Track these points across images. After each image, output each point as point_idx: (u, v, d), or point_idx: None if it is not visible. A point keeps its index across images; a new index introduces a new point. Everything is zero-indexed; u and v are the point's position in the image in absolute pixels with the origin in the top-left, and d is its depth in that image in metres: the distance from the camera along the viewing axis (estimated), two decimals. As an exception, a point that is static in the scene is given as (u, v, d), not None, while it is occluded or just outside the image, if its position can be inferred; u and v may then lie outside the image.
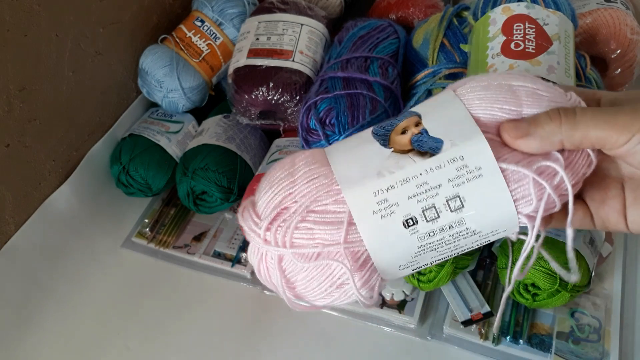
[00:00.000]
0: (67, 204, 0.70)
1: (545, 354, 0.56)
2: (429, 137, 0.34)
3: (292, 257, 0.34)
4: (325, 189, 0.35)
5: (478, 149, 0.33)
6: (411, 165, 0.34)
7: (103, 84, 0.73)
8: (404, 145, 0.35)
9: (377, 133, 0.36)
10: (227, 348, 0.60)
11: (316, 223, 0.34)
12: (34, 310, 0.65)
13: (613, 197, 0.36)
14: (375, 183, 0.34)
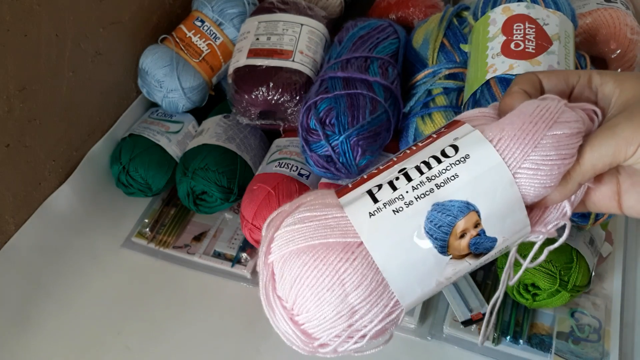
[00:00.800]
0: (67, 204, 0.70)
1: (545, 354, 0.56)
2: (485, 238, 0.33)
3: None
4: (385, 309, 0.34)
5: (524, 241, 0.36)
6: (467, 269, 0.34)
7: (103, 84, 0.73)
8: (462, 250, 0.33)
9: (433, 235, 0.33)
10: (227, 348, 0.61)
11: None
12: (34, 310, 0.65)
13: (607, 183, 0.36)
14: (433, 290, 0.35)
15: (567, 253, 0.55)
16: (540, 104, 0.33)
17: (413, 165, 0.34)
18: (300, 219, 0.34)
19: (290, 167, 0.65)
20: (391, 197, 0.33)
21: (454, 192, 0.32)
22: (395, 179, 0.34)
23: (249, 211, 0.62)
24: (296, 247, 0.33)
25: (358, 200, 0.34)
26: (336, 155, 0.57)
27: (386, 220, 0.32)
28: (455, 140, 0.34)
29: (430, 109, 0.59)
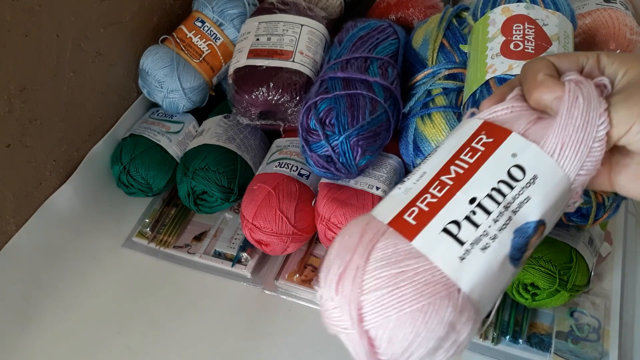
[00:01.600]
0: (68, 203, 0.71)
1: (545, 353, 0.56)
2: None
3: None
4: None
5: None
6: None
7: (104, 84, 0.73)
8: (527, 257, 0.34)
9: (515, 257, 0.33)
10: (227, 347, 0.61)
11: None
12: (34, 309, 0.65)
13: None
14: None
15: (566, 253, 0.55)
16: (581, 102, 0.33)
17: (484, 193, 0.32)
18: (388, 278, 0.31)
19: (291, 167, 0.65)
20: (476, 236, 0.31)
21: (529, 214, 0.32)
22: (472, 213, 0.32)
23: (249, 211, 0.62)
24: (402, 312, 0.31)
25: (440, 244, 0.31)
26: (336, 155, 0.58)
27: (477, 260, 0.31)
28: (515, 157, 0.33)
29: (430, 109, 0.59)
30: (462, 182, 0.33)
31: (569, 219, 0.55)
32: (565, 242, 0.56)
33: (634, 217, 0.67)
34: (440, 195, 0.33)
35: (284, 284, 0.64)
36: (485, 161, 0.33)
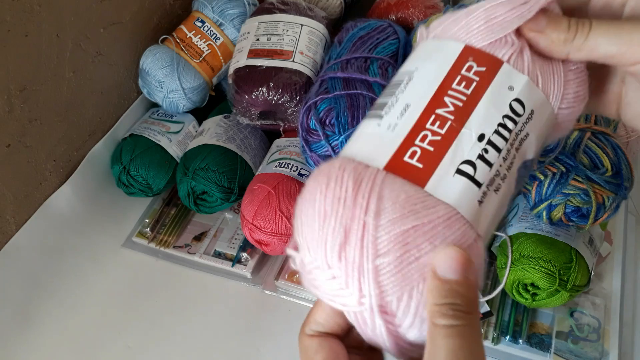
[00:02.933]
0: (68, 203, 0.71)
1: (545, 353, 0.56)
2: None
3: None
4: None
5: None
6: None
7: (104, 84, 0.73)
8: None
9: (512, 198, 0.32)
10: (227, 347, 0.61)
11: None
12: (34, 309, 0.65)
13: (612, 88, 0.35)
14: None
15: (566, 253, 0.55)
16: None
17: (492, 129, 0.29)
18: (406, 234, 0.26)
19: (291, 167, 0.65)
20: (491, 177, 0.29)
21: (527, 152, 0.31)
22: (484, 151, 0.29)
23: (249, 211, 0.62)
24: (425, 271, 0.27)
25: (457, 187, 0.28)
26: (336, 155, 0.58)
27: (491, 203, 0.29)
28: (512, 90, 0.30)
29: (430, 109, 0.59)
30: (465, 116, 0.29)
31: (569, 219, 0.55)
32: (565, 242, 0.56)
33: (634, 217, 0.67)
34: (443, 132, 0.29)
35: (284, 284, 0.64)
36: (484, 93, 0.30)
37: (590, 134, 0.55)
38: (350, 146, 0.30)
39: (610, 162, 0.54)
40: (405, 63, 0.33)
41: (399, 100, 0.30)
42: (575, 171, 0.53)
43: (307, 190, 0.29)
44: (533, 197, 0.56)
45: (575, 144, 0.55)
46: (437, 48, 0.32)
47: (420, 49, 0.33)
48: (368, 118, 0.31)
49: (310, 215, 0.28)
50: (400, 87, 0.31)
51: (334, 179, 0.28)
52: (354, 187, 0.27)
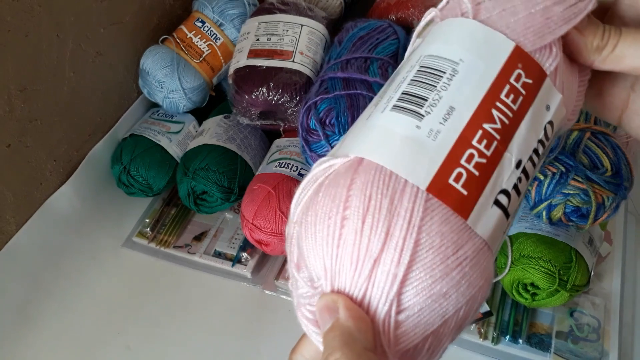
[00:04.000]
0: (68, 204, 0.71)
1: (545, 353, 0.56)
2: None
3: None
4: None
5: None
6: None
7: (104, 85, 0.73)
8: None
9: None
10: (227, 347, 0.61)
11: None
12: (34, 309, 0.65)
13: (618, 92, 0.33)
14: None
15: (566, 253, 0.55)
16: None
17: (527, 155, 0.26)
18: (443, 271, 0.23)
19: (291, 167, 0.65)
20: (516, 206, 0.27)
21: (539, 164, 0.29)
22: (519, 180, 0.26)
23: (250, 211, 0.62)
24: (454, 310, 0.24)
25: (492, 220, 0.25)
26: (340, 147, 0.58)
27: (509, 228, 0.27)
28: (549, 111, 0.28)
29: (430, 109, 0.59)
30: (509, 137, 0.26)
31: (569, 219, 0.55)
32: (565, 242, 0.56)
33: (634, 217, 0.67)
34: (489, 153, 0.25)
35: (284, 284, 0.64)
36: (527, 112, 0.27)
37: (590, 134, 0.55)
38: (370, 142, 0.25)
39: (610, 162, 0.54)
40: (437, 37, 0.28)
41: (443, 98, 0.25)
42: (575, 171, 0.53)
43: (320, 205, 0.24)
44: (533, 197, 0.56)
45: (575, 144, 0.55)
46: (486, 39, 0.27)
47: (461, 28, 0.28)
48: (399, 110, 0.25)
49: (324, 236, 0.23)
50: (443, 80, 0.26)
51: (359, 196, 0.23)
52: (387, 214, 0.23)
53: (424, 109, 0.25)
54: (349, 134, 0.27)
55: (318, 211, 0.24)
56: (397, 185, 0.23)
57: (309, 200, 0.25)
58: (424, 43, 0.29)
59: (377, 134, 0.25)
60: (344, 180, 0.24)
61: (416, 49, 0.29)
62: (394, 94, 0.26)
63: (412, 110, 0.25)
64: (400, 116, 0.25)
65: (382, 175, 0.23)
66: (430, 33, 0.29)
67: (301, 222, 0.25)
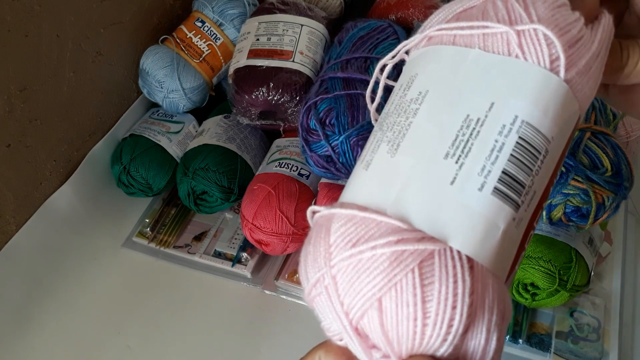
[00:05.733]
0: (68, 203, 0.71)
1: (545, 353, 0.56)
2: None
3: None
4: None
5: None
6: None
7: (104, 84, 0.73)
8: None
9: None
10: (227, 347, 0.61)
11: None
12: (34, 309, 0.65)
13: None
14: None
15: (566, 253, 0.55)
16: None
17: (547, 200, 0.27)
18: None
19: (291, 167, 0.65)
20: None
21: None
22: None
23: (250, 211, 0.62)
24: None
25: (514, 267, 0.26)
26: (336, 156, 0.58)
27: None
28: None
29: (430, 109, 0.59)
30: (547, 196, 0.26)
31: (569, 219, 0.55)
32: (565, 242, 0.56)
33: (634, 217, 0.67)
34: (535, 223, 0.26)
35: (284, 284, 0.64)
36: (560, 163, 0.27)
37: (590, 134, 0.55)
38: (473, 234, 0.22)
39: (610, 162, 0.54)
40: (524, 88, 0.24)
41: (533, 185, 0.24)
42: (575, 171, 0.53)
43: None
44: (533, 197, 0.56)
45: (575, 144, 0.55)
46: (570, 111, 0.25)
47: (554, 92, 0.24)
48: (501, 197, 0.23)
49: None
50: (537, 164, 0.24)
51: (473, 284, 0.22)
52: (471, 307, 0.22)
53: (521, 198, 0.24)
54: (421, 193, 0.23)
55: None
56: (491, 277, 0.23)
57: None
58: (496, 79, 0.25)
59: (482, 226, 0.23)
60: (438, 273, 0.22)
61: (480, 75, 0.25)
62: (486, 164, 0.23)
63: (513, 200, 0.23)
64: (503, 207, 0.23)
65: (486, 273, 0.23)
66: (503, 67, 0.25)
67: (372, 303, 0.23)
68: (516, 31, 0.24)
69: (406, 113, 0.26)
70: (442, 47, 0.27)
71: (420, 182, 0.23)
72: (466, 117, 0.24)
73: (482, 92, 0.24)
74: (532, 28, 0.24)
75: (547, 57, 0.24)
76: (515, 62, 0.24)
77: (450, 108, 0.24)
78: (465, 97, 0.25)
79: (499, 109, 0.24)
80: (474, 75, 0.25)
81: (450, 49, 0.26)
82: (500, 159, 0.23)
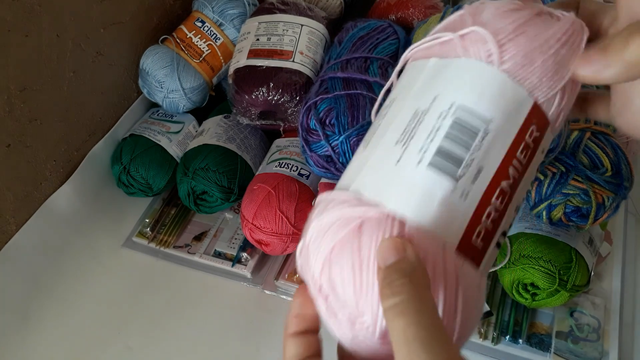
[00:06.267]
0: (68, 203, 0.71)
1: (545, 353, 0.56)
2: None
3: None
4: None
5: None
6: None
7: (104, 85, 0.73)
8: None
9: None
10: (227, 347, 0.61)
11: None
12: (34, 309, 0.65)
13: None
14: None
15: (566, 253, 0.55)
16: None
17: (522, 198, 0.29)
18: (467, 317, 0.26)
19: (291, 167, 0.65)
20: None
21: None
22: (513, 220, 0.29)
23: (250, 211, 0.62)
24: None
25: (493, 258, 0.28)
26: (336, 156, 0.58)
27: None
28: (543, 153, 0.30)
29: (430, 109, 0.59)
30: (515, 189, 0.28)
31: (569, 219, 0.55)
32: (565, 242, 0.56)
33: (634, 217, 0.67)
34: (501, 208, 0.27)
35: (284, 284, 0.64)
36: (531, 162, 0.29)
37: (590, 134, 0.55)
38: (410, 200, 0.26)
39: (610, 162, 0.54)
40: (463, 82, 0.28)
41: (475, 160, 0.26)
42: (575, 171, 0.53)
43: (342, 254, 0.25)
44: (533, 197, 0.56)
45: (575, 144, 0.55)
46: (513, 97, 0.28)
47: (489, 80, 0.27)
48: (436, 169, 0.26)
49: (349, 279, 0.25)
50: (476, 141, 0.27)
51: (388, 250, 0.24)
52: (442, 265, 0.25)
53: (459, 171, 0.26)
54: (374, 173, 0.27)
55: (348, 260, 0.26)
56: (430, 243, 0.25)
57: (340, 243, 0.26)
58: (441, 77, 0.28)
59: (418, 193, 0.26)
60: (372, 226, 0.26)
61: (432, 77, 0.29)
62: (425, 144, 0.27)
63: (450, 172, 0.26)
64: (438, 178, 0.26)
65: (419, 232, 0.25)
66: (449, 66, 0.28)
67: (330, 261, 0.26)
68: (460, 35, 0.28)
69: (379, 118, 0.30)
70: (414, 62, 0.31)
71: (374, 165, 0.28)
72: (415, 111, 0.28)
73: (430, 89, 0.28)
74: (470, 30, 0.28)
75: (484, 52, 0.28)
76: (459, 61, 0.28)
77: (406, 106, 0.29)
78: (418, 96, 0.29)
79: (440, 99, 0.28)
80: (428, 78, 0.29)
81: (418, 62, 0.30)
82: (437, 138, 0.27)
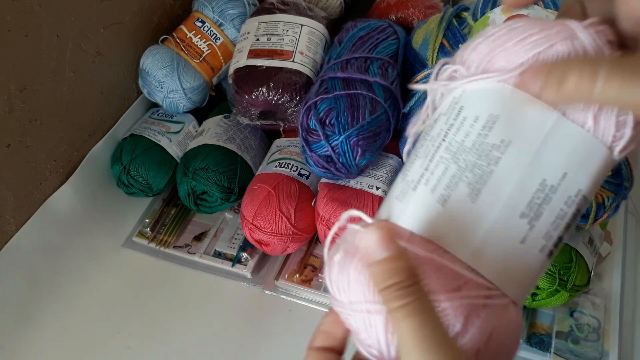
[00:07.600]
0: (68, 203, 0.71)
1: (545, 353, 0.56)
2: None
3: None
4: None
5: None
6: None
7: (104, 85, 0.73)
8: None
9: None
10: (227, 347, 0.61)
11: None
12: (34, 309, 0.65)
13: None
14: None
15: (566, 253, 0.55)
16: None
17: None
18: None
19: (291, 167, 0.65)
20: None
21: None
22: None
23: (250, 211, 0.62)
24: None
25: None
26: (336, 156, 0.58)
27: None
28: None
29: (430, 109, 0.59)
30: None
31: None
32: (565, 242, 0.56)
33: (634, 217, 0.67)
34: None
35: (284, 284, 0.64)
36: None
37: (590, 134, 0.55)
38: (522, 287, 0.27)
39: (610, 162, 0.54)
40: (589, 175, 0.27)
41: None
42: (575, 171, 0.53)
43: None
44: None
45: (575, 144, 0.55)
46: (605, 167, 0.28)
47: (602, 165, 0.28)
48: (549, 257, 0.28)
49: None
50: (574, 222, 0.28)
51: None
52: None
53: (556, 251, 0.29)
54: (497, 246, 0.27)
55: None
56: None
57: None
58: (570, 150, 0.27)
59: (532, 281, 0.28)
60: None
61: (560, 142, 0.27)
62: (550, 229, 0.27)
63: (543, 244, 0.28)
64: (548, 262, 0.28)
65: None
66: (575, 137, 0.27)
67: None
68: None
69: (487, 158, 0.27)
70: (525, 98, 0.27)
71: (498, 239, 0.26)
72: (542, 181, 0.26)
73: (558, 159, 0.27)
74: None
75: (611, 136, 0.27)
76: (587, 137, 0.27)
77: (530, 168, 0.26)
78: (544, 161, 0.26)
79: (569, 180, 0.27)
80: (553, 141, 0.27)
81: (536, 106, 0.27)
82: (560, 227, 0.27)
